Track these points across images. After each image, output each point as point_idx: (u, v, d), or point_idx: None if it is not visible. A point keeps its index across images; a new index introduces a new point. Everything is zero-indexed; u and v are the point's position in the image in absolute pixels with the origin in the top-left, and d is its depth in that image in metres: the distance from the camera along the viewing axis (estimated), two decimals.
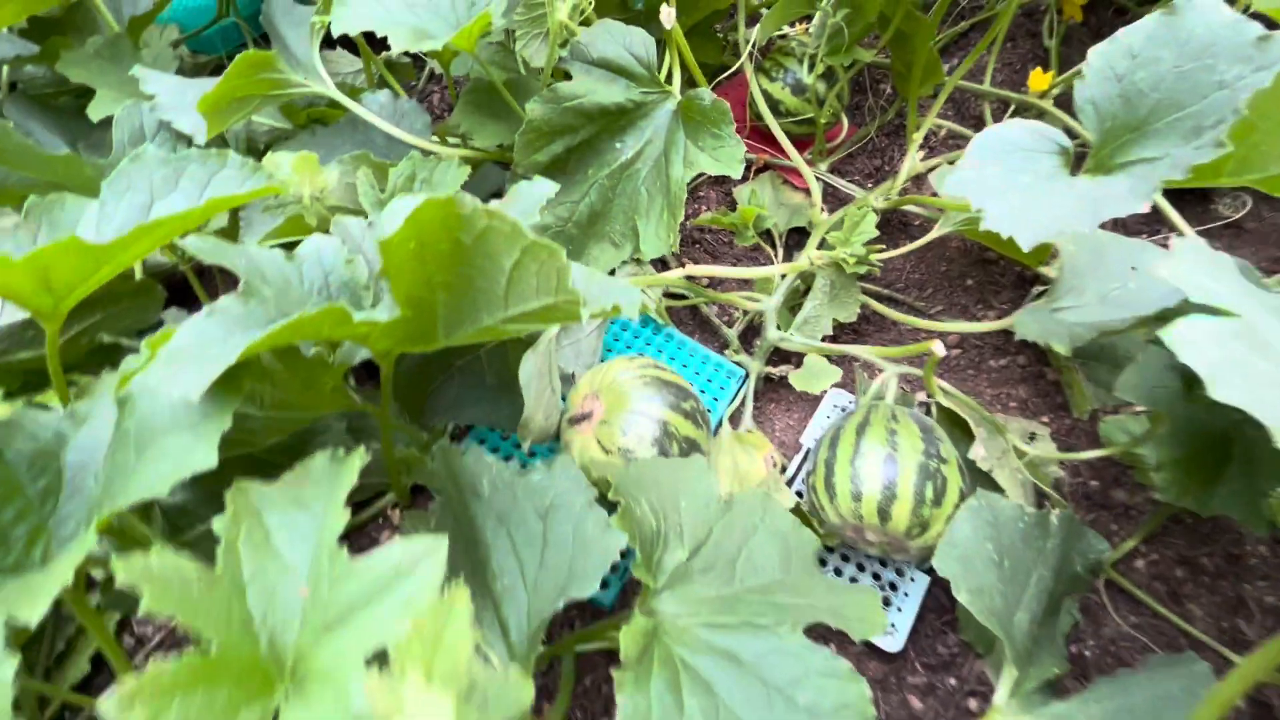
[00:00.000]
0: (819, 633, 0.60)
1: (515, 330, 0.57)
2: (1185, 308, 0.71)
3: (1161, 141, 0.71)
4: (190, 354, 0.47)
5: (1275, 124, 0.57)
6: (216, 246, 0.54)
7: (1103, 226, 0.66)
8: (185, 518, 0.87)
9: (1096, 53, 0.73)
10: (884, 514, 0.79)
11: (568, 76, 0.93)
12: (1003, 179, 0.73)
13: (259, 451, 0.81)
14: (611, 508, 0.61)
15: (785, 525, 0.74)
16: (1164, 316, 0.71)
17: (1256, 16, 0.83)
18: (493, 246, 0.46)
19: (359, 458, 0.54)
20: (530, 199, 0.64)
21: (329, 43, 1.38)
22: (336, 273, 0.63)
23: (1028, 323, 0.89)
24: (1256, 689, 0.82)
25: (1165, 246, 1.24)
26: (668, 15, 0.89)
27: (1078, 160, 0.79)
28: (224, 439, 0.79)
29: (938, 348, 0.85)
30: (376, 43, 1.07)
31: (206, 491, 0.88)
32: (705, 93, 0.90)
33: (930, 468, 0.79)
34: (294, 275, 0.60)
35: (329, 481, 0.53)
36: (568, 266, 0.45)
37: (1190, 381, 0.72)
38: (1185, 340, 0.43)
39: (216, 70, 1.56)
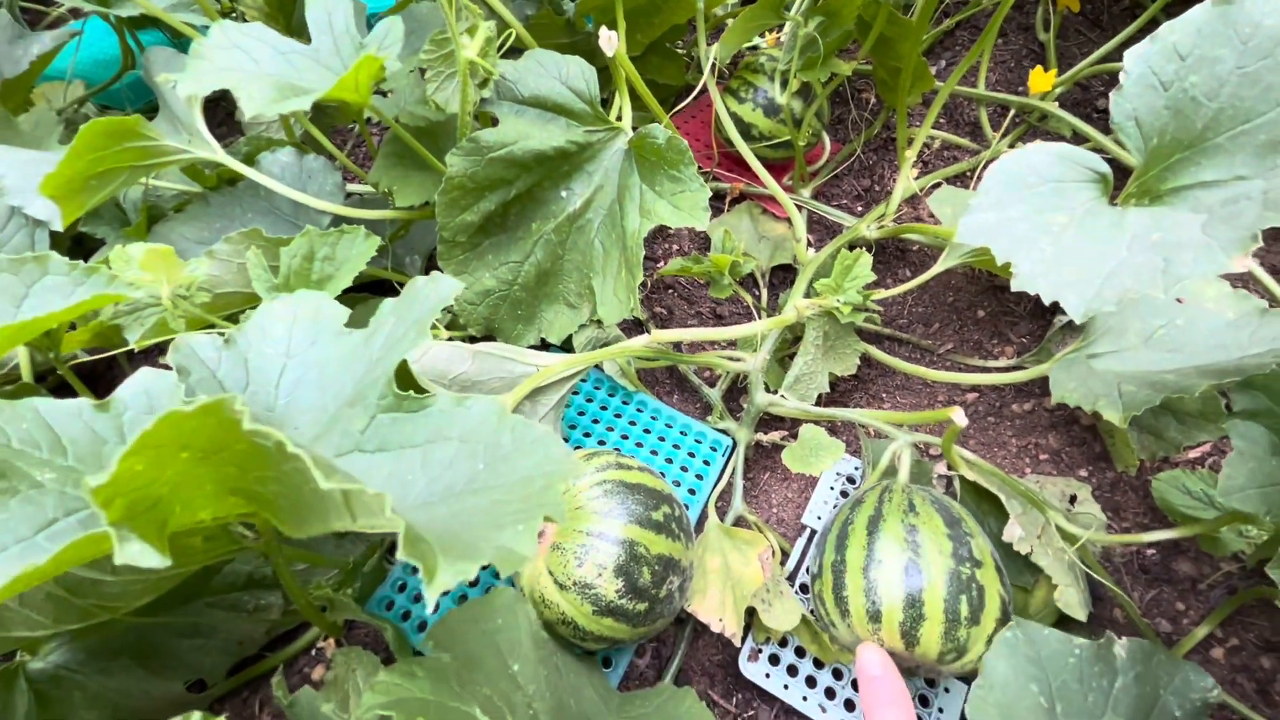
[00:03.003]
0: None
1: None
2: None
3: (1228, 160, 0.57)
4: None
5: None
6: None
7: None
8: (58, 686, 0.71)
9: (1134, 56, 0.58)
10: (910, 638, 0.63)
11: (495, 120, 0.79)
12: (1030, 221, 0.58)
13: (126, 615, 0.66)
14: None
15: None
16: (1251, 383, 0.56)
17: None
18: (296, 466, 0.31)
19: None
20: (428, 302, 0.49)
21: None
22: None
23: (1065, 381, 0.74)
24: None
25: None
26: (608, 41, 0.75)
27: (1116, 184, 0.64)
28: (76, 609, 0.64)
29: (958, 417, 0.70)
30: None
31: (86, 652, 0.74)
32: (659, 129, 0.76)
33: (963, 576, 0.64)
34: (109, 431, 0.45)
35: None
36: (399, 520, 0.29)
37: None
38: None
39: None
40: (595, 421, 0.96)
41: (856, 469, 0.95)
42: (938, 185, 1.16)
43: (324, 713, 0.47)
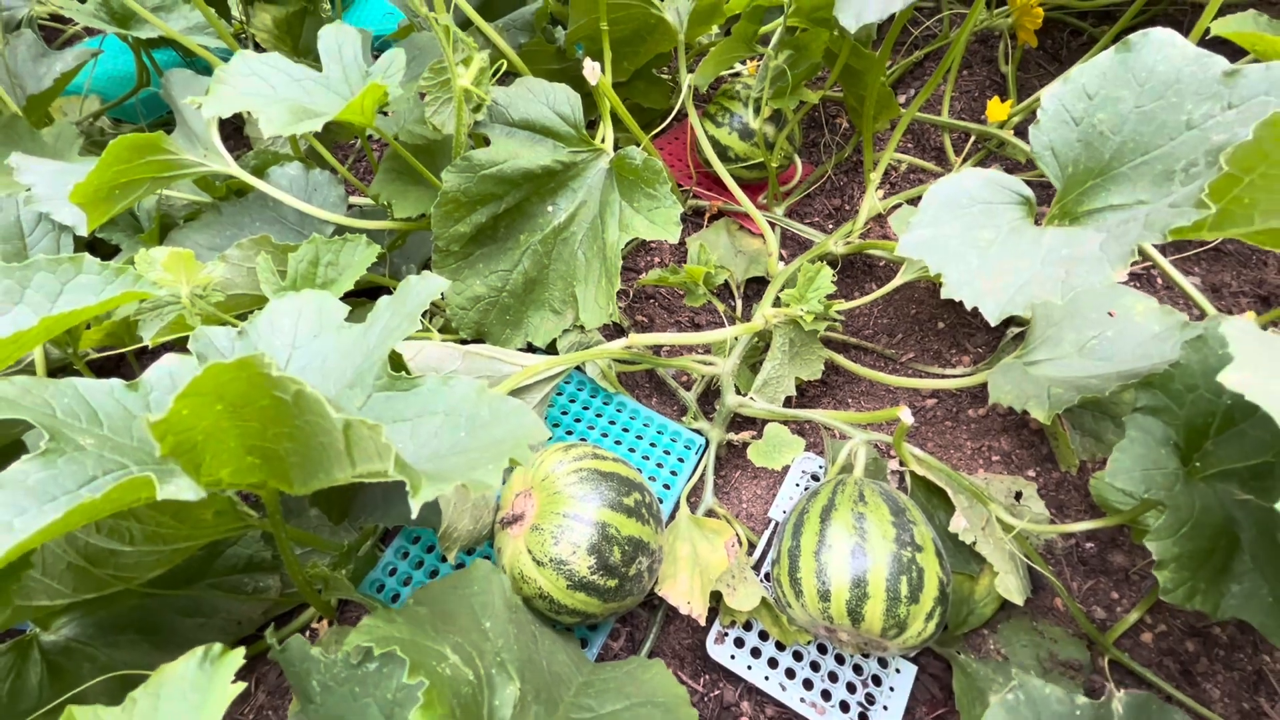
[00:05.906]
0: None
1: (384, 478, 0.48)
2: (1178, 370, 0.64)
3: (1130, 186, 0.64)
4: None
5: (1260, 177, 0.50)
6: (20, 391, 0.45)
7: None
8: (69, 657, 0.77)
9: (1050, 95, 0.66)
10: (855, 615, 0.70)
11: (488, 140, 0.86)
12: (961, 237, 0.66)
13: (141, 586, 0.71)
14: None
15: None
16: (1149, 382, 0.63)
17: (1216, 44, 0.77)
18: (314, 409, 0.38)
19: (235, 659, 0.45)
20: (419, 296, 0.55)
21: None
22: None
23: (1001, 384, 0.81)
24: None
25: (1137, 282, 1.17)
26: (592, 71, 0.83)
27: (1043, 201, 0.72)
28: (94, 579, 0.69)
29: (905, 415, 0.77)
30: None
31: (96, 626, 0.79)
32: (637, 151, 0.83)
33: (904, 559, 0.70)
34: (138, 407, 0.51)
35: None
36: (389, 447, 0.36)
37: (1188, 455, 0.64)
38: None
39: None
40: (578, 420, 1.03)
41: (821, 467, 1.01)
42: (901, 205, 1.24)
43: (313, 655, 0.52)
